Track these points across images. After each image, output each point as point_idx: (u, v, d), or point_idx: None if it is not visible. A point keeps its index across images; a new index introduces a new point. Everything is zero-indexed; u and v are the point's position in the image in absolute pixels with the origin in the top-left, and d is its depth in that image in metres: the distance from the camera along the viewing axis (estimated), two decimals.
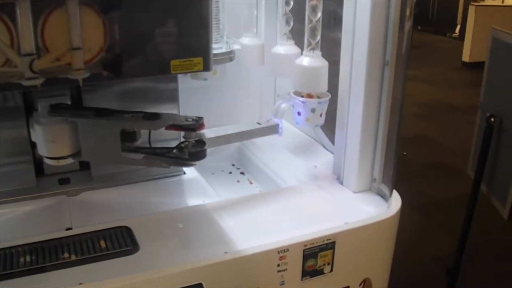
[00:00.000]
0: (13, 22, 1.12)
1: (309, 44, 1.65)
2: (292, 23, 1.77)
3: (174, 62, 1.30)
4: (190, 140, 1.47)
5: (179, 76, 1.70)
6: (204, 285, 1.24)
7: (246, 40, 1.90)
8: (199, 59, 1.33)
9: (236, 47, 1.84)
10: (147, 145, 1.46)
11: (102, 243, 1.38)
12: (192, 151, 1.47)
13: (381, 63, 1.56)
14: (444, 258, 2.54)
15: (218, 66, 1.80)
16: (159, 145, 1.49)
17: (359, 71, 1.58)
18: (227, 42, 1.82)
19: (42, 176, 1.65)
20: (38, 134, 1.43)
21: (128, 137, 1.42)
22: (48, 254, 1.34)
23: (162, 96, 1.68)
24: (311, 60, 1.65)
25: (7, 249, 1.35)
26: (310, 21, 1.62)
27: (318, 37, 1.63)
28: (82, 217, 1.54)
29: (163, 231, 1.46)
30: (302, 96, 1.72)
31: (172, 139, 1.60)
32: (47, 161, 1.46)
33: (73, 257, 1.33)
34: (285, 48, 1.79)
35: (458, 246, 2.37)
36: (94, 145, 1.43)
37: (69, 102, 1.52)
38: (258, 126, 1.71)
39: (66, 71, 1.18)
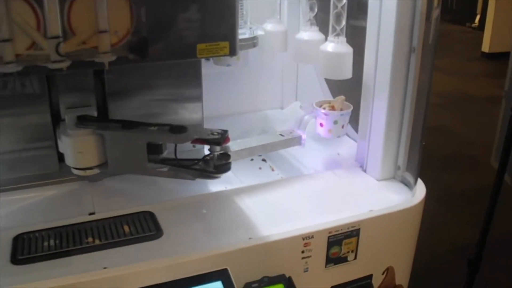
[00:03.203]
0: (40, 4, 1.12)
1: (334, 30, 1.63)
2: (316, 9, 1.76)
3: (200, 46, 1.29)
4: (215, 152, 1.50)
5: (202, 61, 1.68)
6: (230, 271, 1.23)
7: (269, 26, 1.89)
8: (225, 43, 1.32)
9: (259, 33, 1.83)
10: (173, 155, 1.49)
11: (126, 228, 1.38)
12: (217, 163, 1.50)
13: (408, 50, 1.54)
14: (465, 249, 2.52)
15: (241, 52, 1.80)
16: (184, 148, 1.52)
17: (385, 57, 1.56)
18: (250, 28, 1.81)
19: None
20: (66, 145, 1.46)
21: (154, 149, 1.46)
22: (72, 238, 1.34)
23: (185, 83, 1.67)
24: (336, 46, 1.63)
25: (31, 233, 1.35)
26: (335, 6, 1.61)
27: (343, 23, 1.62)
28: (105, 202, 1.54)
29: (187, 216, 1.46)
30: (324, 108, 1.74)
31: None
32: (74, 171, 1.49)
33: (97, 242, 1.33)
34: (309, 34, 1.78)
35: (480, 237, 2.35)
36: (121, 156, 1.47)
37: (95, 114, 1.55)
38: (281, 138, 1.72)
39: (92, 54, 1.18)
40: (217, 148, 1.48)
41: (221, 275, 1.22)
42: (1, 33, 1.10)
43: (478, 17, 10.23)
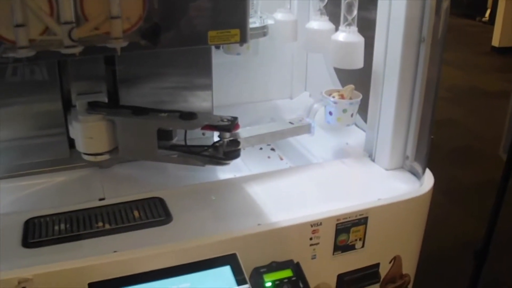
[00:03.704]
0: None
1: (345, 19, 1.63)
2: None
3: (211, 33, 1.30)
4: (225, 139, 1.50)
5: (212, 50, 1.69)
6: (238, 256, 1.24)
7: (279, 16, 1.89)
8: (236, 31, 1.32)
9: (269, 22, 1.83)
10: (183, 142, 1.50)
11: (136, 213, 1.40)
12: (227, 150, 1.51)
13: (417, 39, 1.54)
14: (472, 243, 2.51)
15: (251, 41, 1.79)
16: (194, 135, 1.53)
17: (394, 47, 1.56)
18: (260, 17, 1.81)
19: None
20: (76, 131, 1.48)
21: (164, 135, 1.47)
22: (82, 223, 1.36)
23: (195, 71, 1.67)
24: (347, 35, 1.64)
25: (42, 217, 1.37)
26: None
27: (355, 13, 1.62)
28: (115, 188, 1.56)
29: (196, 202, 1.47)
30: (333, 97, 1.74)
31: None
32: (84, 157, 1.50)
33: (107, 226, 1.34)
34: (319, 23, 1.78)
35: (487, 229, 2.34)
36: (131, 142, 1.49)
37: (106, 100, 1.56)
38: (290, 126, 1.72)
39: (104, 40, 1.19)
40: (227, 134, 1.49)
41: (230, 259, 1.23)
42: (15, 18, 1.11)
43: (488, 11, 10.16)
